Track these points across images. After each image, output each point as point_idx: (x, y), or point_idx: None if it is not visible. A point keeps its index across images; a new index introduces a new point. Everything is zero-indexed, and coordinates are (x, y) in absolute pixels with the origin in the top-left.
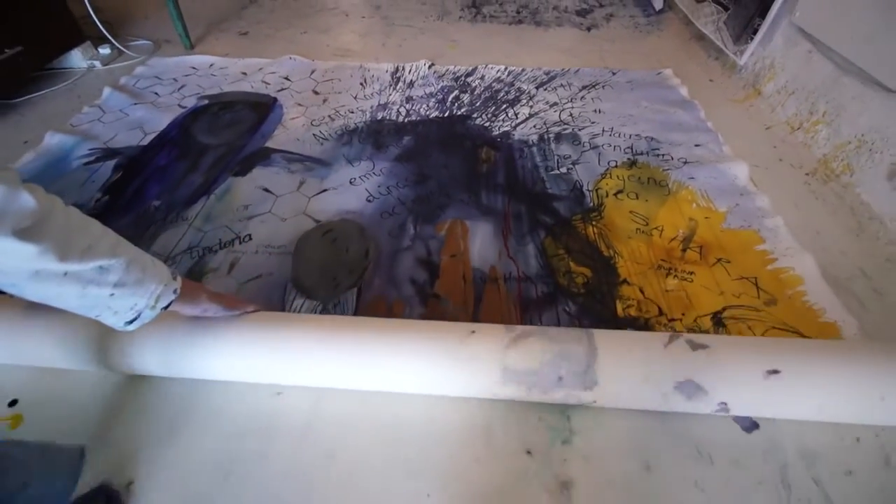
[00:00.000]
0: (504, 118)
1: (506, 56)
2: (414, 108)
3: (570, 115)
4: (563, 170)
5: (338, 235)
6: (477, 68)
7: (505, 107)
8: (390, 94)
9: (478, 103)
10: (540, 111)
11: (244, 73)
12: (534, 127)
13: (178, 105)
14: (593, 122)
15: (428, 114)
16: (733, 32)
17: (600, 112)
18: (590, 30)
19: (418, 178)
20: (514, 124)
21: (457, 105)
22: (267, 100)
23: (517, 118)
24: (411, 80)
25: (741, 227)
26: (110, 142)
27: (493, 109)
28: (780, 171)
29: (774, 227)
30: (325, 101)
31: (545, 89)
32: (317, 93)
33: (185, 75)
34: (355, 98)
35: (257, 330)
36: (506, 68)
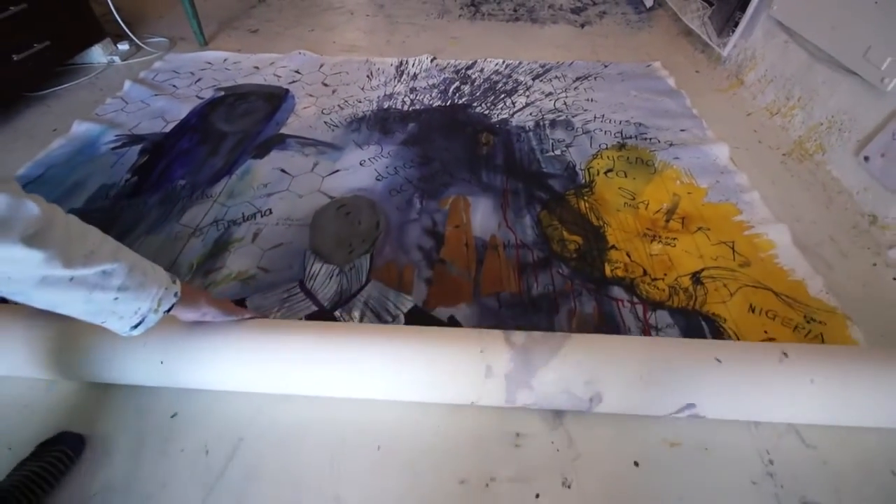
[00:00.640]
0: (502, 107)
1: (504, 52)
2: (418, 97)
3: (565, 103)
4: (558, 152)
5: (351, 209)
6: (476, 62)
7: (503, 96)
8: (395, 86)
9: (478, 93)
10: (536, 100)
11: (256, 67)
12: (530, 114)
13: (196, 96)
14: (586, 110)
15: (431, 103)
16: (717, 26)
17: (592, 101)
18: (583, 26)
19: (423, 160)
20: (511, 112)
21: (458, 95)
22: (279, 91)
23: (515, 107)
24: (415, 72)
25: (721, 201)
26: (134, 129)
27: (492, 99)
28: (759, 152)
29: (751, 201)
30: (334, 91)
31: (541, 80)
32: (326, 84)
33: (201, 69)
34: (362, 89)
35: (258, 336)
36: (504, 61)
